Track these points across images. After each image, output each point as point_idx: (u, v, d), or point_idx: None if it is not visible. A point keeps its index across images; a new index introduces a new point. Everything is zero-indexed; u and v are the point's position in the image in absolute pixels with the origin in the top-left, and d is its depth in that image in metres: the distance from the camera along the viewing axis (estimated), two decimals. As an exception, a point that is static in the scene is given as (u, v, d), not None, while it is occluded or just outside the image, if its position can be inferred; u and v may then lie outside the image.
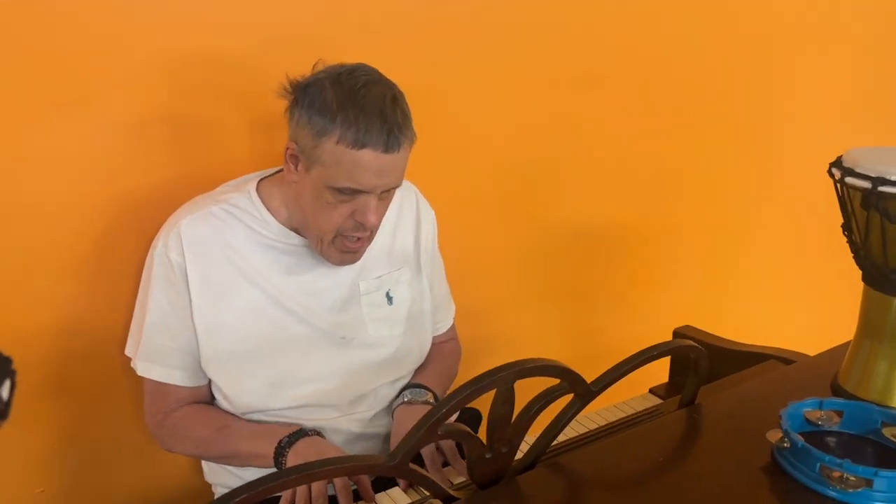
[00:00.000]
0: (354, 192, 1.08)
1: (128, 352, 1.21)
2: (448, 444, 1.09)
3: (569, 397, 0.95)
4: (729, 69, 1.99)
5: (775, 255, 2.27)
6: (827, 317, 1.19)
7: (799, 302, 2.32)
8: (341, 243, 1.13)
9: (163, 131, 1.27)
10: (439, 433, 0.82)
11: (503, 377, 0.84)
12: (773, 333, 1.69)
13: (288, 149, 1.10)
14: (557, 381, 0.91)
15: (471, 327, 1.66)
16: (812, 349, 1.30)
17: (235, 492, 0.72)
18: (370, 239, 1.17)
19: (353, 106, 1.04)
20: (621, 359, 0.96)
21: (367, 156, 1.04)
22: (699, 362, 1.05)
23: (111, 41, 1.19)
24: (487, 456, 0.88)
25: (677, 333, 1.49)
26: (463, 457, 1.05)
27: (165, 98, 1.25)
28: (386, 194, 1.12)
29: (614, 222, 1.90)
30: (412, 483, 0.96)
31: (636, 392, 1.40)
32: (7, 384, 0.40)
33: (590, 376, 0.94)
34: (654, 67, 1.83)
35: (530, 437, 0.95)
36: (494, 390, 0.86)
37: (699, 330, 1.49)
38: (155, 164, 1.28)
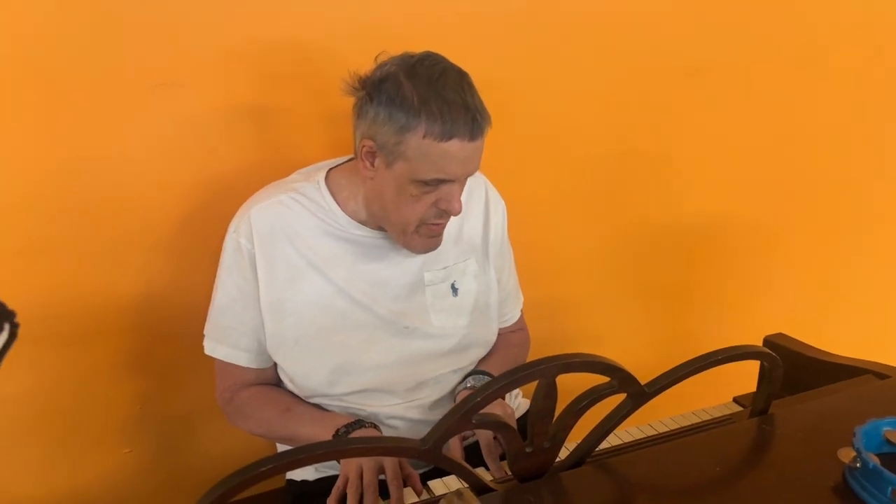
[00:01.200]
0: (440, 183, 1.08)
1: (206, 331, 1.25)
2: (487, 443, 1.08)
3: (622, 397, 0.91)
4: (843, 59, 1.86)
5: (884, 263, 2.10)
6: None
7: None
8: (425, 229, 1.14)
9: (249, 117, 1.31)
10: (473, 421, 0.80)
11: (545, 370, 0.81)
12: (876, 348, 1.57)
13: (363, 146, 1.10)
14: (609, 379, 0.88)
15: (551, 322, 1.64)
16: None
17: (264, 461, 0.73)
18: (448, 219, 1.17)
19: (435, 98, 1.03)
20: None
21: (455, 146, 1.04)
22: (773, 371, 0.98)
23: (203, 29, 1.23)
24: (528, 450, 0.86)
25: (768, 341, 1.41)
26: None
27: (252, 85, 1.30)
28: (465, 180, 1.12)
29: (709, 220, 1.82)
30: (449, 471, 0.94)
31: (720, 400, 1.34)
32: (3, 335, 0.41)
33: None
34: (761, 58, 1.74)
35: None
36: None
37: (792, 339, 1.40)
38: (240, 149, 1.32)
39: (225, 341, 1.20)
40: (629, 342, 1.82)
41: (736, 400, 1.35)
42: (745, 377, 1.35)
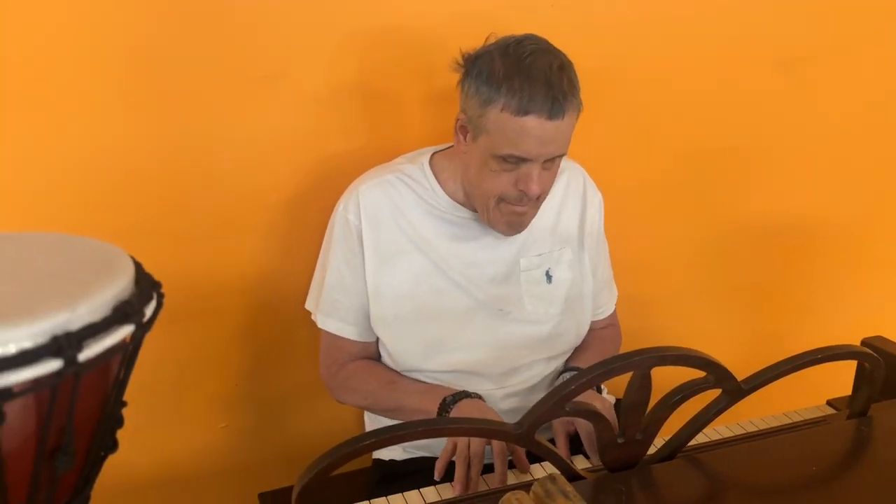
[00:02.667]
0: (518, 161, 1.09)
1: (308, 306, 1.30)
2: (588, 429, 1.08)
3: (717, 393, 0.90)
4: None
5: None
6: None
7: None
8: (507, 209, 1.15)
9: (352, 105, 1.35)
10: (566, 409, 0.81)
11: (639, 361, 0.82)
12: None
13: (458, 119, 1.14)
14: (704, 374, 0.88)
15: (636, 318, 1.62)
16: None
17: (359, 438, 0.76)
18: (536, 207, 1.18)
19: (518, 74, 1.05)
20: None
21: (531, 122, 1.06)
22: (874, 372, 0.96)
23: (309, 20, 1.27)
24: (619, 441, 0.86)
25: (866, 342, 1.36)
26: None
27: (356, 73, 1.33)
28: (549, 164, 1.12)
29: (803, 219, 1.77)
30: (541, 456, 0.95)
31: (813, 402, 1.31)
32: (153, 304, 0.45)
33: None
34: (867, 47, 1.68)
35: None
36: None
37: (892, 342, 1.35)
38: (344, 136, 1.36)
39: (335, 315, 1.25)
40: (713, 341, 1.76)
41: (830, 403, 1.32)
42: (838, 380, 1.31)
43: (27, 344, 0.38)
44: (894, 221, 1.88)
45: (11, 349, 0.38)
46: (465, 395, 1.16)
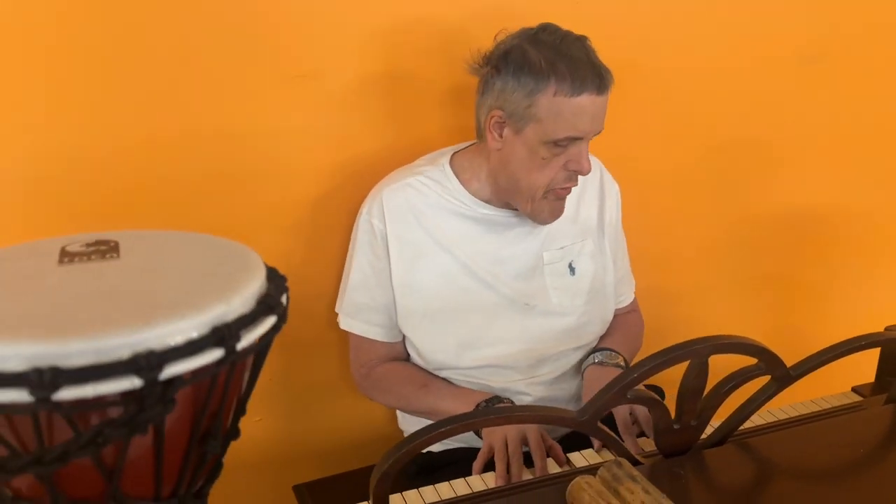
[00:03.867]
0: (569, 142, 1.13)
1: (337, 308, 1.32)
2: (644, 415, 1.12)
3: (763, 381, 0.94)
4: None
5: None
6: None
7: None
8: (552, 194, 1.18)
9: (378, 103, 1.36)
10: (628, 396, 0.84)
11: (699, 349, 0.85)
12: None
13: (491, 117, 1.16)
14: (754, 361, 0.91)
15: (658, 308, 1.64)
16: None
17: (430, 427, 0.78)
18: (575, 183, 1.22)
19: (561, 59, 1.10)
20: (821, 358, 0.94)
21: (586, 100, 1.10)
22: (912, 358, 1.00)
23: (338, 20, 1.28)
24: (675, 427, 0.89)
25: (890, 330, 1.40)
26: None
27: (381, 72, 1.34)
28: (591, 139, 1.17)
29: (829, 209, 1.80)
30: (603, 442, 0.98)
31: (837, 389, 1.33)
32: (285, 296, 0.47)
33: (784, 373, 0.92)
34: (886, 42, 1.71)
35: (717, 421, 0.95)
36: (685, 364, 0.87)
37: (915, 330, 1.39)
38: (372, 135, 1.37)
39: (358, 317, 1.27)
40: (735, 333, 1.82)
41: (855, 390, 1.35)
42: (861, 368, 1.35)
43: (194, 335, 0.41)
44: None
45: (180, 340, 0.40)
46: (498, 399, 1.18)
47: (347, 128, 1.36)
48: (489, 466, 1.07)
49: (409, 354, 1.32)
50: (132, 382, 0.38)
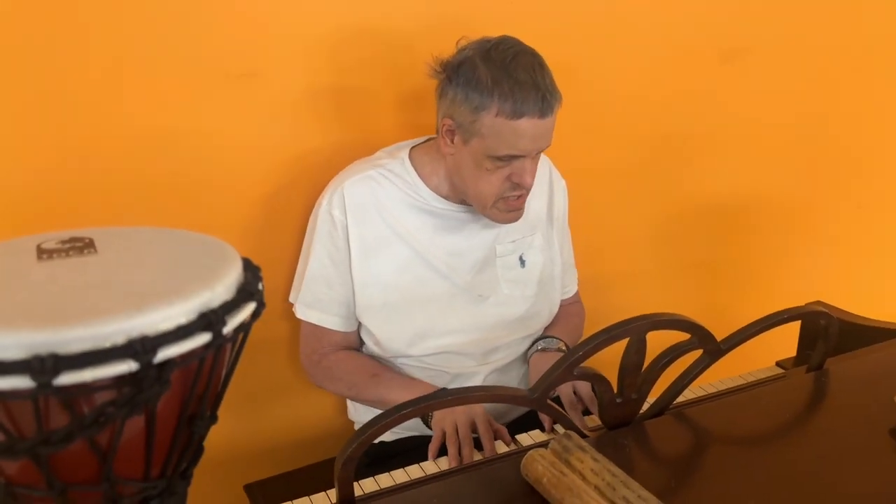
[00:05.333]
0: (512, 158, 1.16)
1: (291, 298, 1.33)
2: (587, 393, 1.17)
3: (696, 355, 1.00)
4: (877, 41, 1.93)
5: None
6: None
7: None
8: (504, 204, 1.22)
9: (327, 103, 1.38)
10: (575, 374, 0.90)
11: (637, 327, 0.91)
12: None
13: (444, 125, 1.19)
14: (687, 337, 0.97)
15: (599, 297, 1.71)
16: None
17: (392, 410, 0.82)
18: (528, 193, 1.25)
19: (506, 79, 1.11)
20: (747, 334, 1.00)
21: (525, 124, 1.12)
22: (829, 329, 1.08)
23: (283, 21, 1.30)
24: (618, 401, 0.95)
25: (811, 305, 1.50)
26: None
27: (329, 73, 1.36)
28: (537, 155, 1.20)
29: (748, 197, 1.90)
30: (552, 417, 1.03)
31: (763, 364, 1.42)
32: (261, 284, 0.50)
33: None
34: (799, 39, 1.81)
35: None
36: (624, 344, 0.93)
37: (830, 305, 1.49)
38: (319, 133, 1.39)
39: (316, 306, 1.29)
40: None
41: (779, 364, 1.44)
42: (784, 344, 1.44)
43: (183, 320, 0.43)
44: (827, 199, 2.03)
45: (171, 325, 0.43)
46: (445, 392, 1.22)
47: (293, 127, 1.37)
48: (442, 452, 1.11)
49: (362, 343, 1.34)
50: (129, 366, 0.41)
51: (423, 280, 1.27)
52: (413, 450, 1.26)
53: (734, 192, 1.88)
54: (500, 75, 1.12)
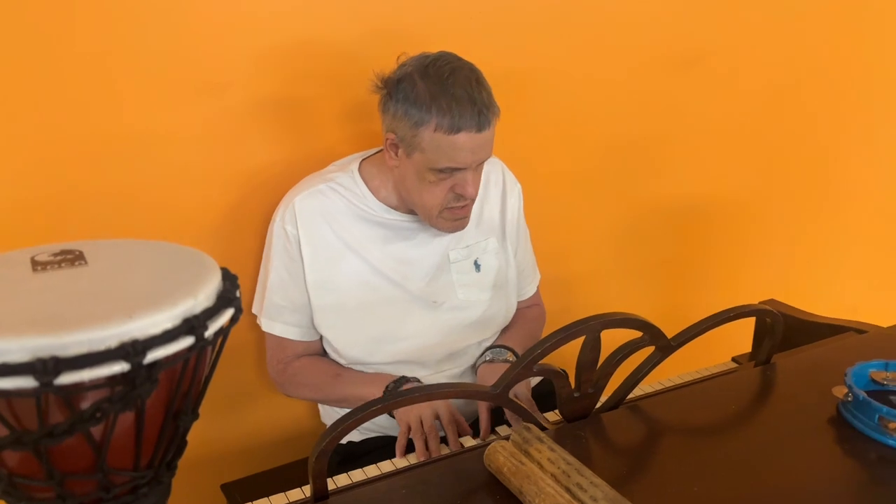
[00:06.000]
0: (453, 170, 1.21)
1: (254, 310, 1.38)
2: (525, 397, 1.24)
3: (649, 351, 1.07)
4: (829, 47, 2.02)
5: (856, 235, 2.29)
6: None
7: (883, 281, 2.34)
8: (449, 213, 1.27)
9: (280, 116, 1.42)
10: (534, 370, 0.96)
11: (592, 326, 0.97)
12: (852, 310, 1.74)
13: (387, 139, 1.24)
14: (640, 335, 1.04)
15: (562, 297, 1.77)
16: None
17: (363, 407, 0.87)
18: (473, 203, 1.30)
19: (444, 95, 1.16)
20: (706, 330, 1.07)
21: (463, 138, 1.17)
22: (774, 326, 1.15)
23: (236, 34, 1.33)
24: (575, 395, 1.01)
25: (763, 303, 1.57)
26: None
27: (280, 85, 1.40)
28: (479, 166, 1.25)
29: (707, 198, 1.98)
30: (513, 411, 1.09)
31: (719, 360, 1.49)
32: (238, 291, 0.55)
33: (675, 345, 1.05)
34: (754, 47, 1.89)
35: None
36: (583, 338, 0.99)
37: (781, 303, 1.56)
38: (274, 145, 1.42)
39: (279, 318, 1.33)
40: (636, 312, 1.98)
41: (734, 359, 1.51)
42: (740, 340, 1.52)
43: (169, 325, 0.48)
44: (778, 200, 2.12)
45: (158, 330, 0.48)
46: (405, 379, 1.27)
47: (252, 138, 1.40)
48: (410, 449, 1.17)
49: (325, 351, 1.39)
50: (121, 367, 0.46)
51: (376, 289, 1.31)
52: (382, 448, 1.31)
53: (694, 193, 1.95)
54: (438, 91, 1.16)
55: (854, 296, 2.30)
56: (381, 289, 1.32)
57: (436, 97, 1.16)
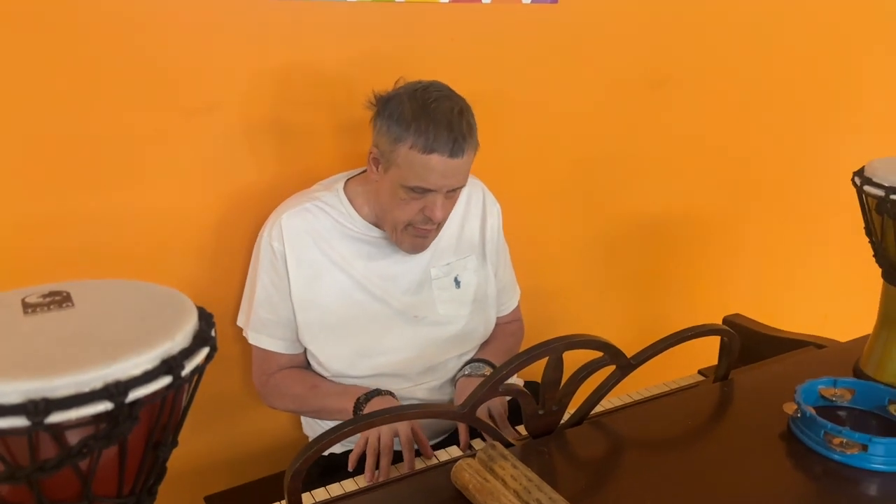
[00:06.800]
0: (424, 191, 1.26)
1: (239, 322, 1.43)
2: (498, 412, 1.29)
3: (611, 369, 1.12)
4: (793, 65, 2.09)
5: (834, 247, 2.36)
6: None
7: (845, 293, 2.41)
8: (413, 230, 1.32)
9: (269, 136, 1.47)
10: (500, 390, 1.01)
11: (554, 347, 1.02)
12: (828, 321, 1.80)
13: (371, 152, 1.30)
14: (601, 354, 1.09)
15: (539, 309, 1.83)
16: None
17: (334, 429, 0.92)
18: (437, 231, 1.36)
19: (424, 117, 1.22)
20: (676, 342, 1.13)
21: (435, 160, 1.23)
22: (731, 344, 1.21)
23: (229, 59, 1.39)
24: (540, 412, 1.07)
25: (726, 320, 1.63)
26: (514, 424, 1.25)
27: (271, 107, 1.46)
28: (451, 193, 1.30)
29: (675, 216, 2.04)
30: (481, 429, 1.14)
31: (686, 372, 1.55)
32: (214, 330, 0.60)
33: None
34: (719, 68, 1.96)
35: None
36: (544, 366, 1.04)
37: (746, 317, 1.63)
38: (262, 164, 1.48)
39: (264, 331, 1.38)
40: (609, 324, 2.04)
41: (700, 372, 1.57)
42: (707, 353, 1.57)
43: (149, 366, 0.53)
44: (746, 215, 2.19)
45: (139, 371, 0.53)
46: (377, 392, 1.32)
47: (243, 157, 1.45)
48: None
49: (309, 364, 1.43)
50: (105, 406, 0.51)
51: (359, 304, 1.36)
52: (363, 461, 1.36)
53: (664, 208, 2.02)
54: (420, 113, 1.22)
55: (822, 308, 2.37)
56: (365, 304, 1.37)
57: (417, 117, 1.22)
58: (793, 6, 2.02)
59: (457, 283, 1.44)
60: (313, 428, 1.50)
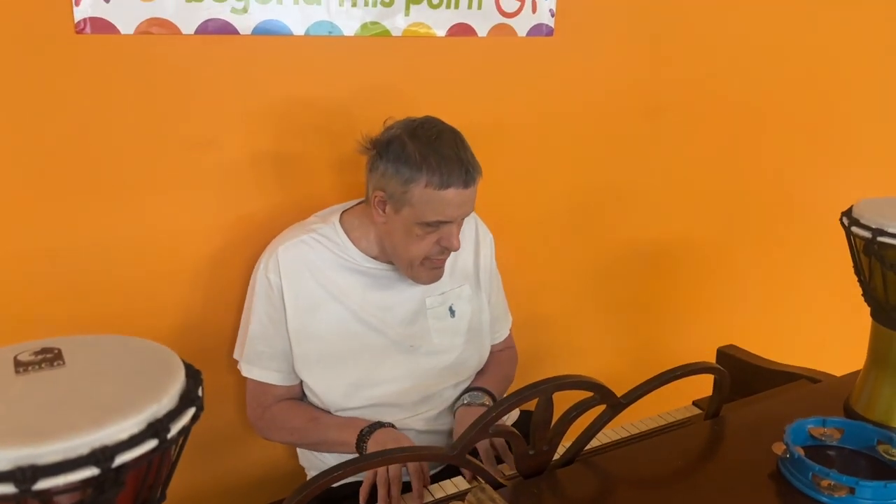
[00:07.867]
0: (440, 224, 1.29)
1: (235, 355, 1.44)
2: (500, 443, 1.29)
3: (601, 408, 1.13)
4: (786, 103, 2.11)
5: (826, 280, 2.35)
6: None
7: (842, 323, 2.41)
8: (429, 263, 1.34)
9: (270, 169, 1.49)
10: (490, 432, 1.02)
11: (544, 389, 1.03)
12: (823, 353, 1.80)
13: (375, 196, 1.31)
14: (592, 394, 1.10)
15: (534, 337, 1.84)
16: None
17: (328, 471, 0.93)
18: (448, 256, 1.38)
19: (433, 154, 1.25)
20: (669, 371, 1.14)
21: (451, 193, 1.26)
22: (721, 382, 1.21)
23: (229, 92, 1.41)
24: (531, 452, 1.08)
25: (720, 352, 1.64)
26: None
27: (272, 139, 1.48)
28: (461, 220, 1.33)
29: (670, 245, 2.05)
30: (471, 471, 1.15)
31: (681, 403, 1.55)
32: (201, 388, 0.62)
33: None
34: (714, 99, 1.98)
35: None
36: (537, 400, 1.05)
37: (741, 349, 1.63)
38: (262, 195, 1.50)
39: (258, 364, 1.39)
40: (602, 352, 2.04)
41: (695, 403, 1.57)
42: (701, 384, 1.58)
43: (135, 430, 0.55)
44: (741, 244, 2.20)
45: (125, 436, 0.54)
46: (380, 425, 1.33)
47: (241, 189, 1.47)
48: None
49: (304, 395, 1.44)
50: (92, 472, 0.52)
51: (356, 335, 1.38)
52: (356, 495, 1.36)
53: (659, 237, 2.03)
54: (428, 151, 1.25)
55: (818, 338, 2.37)
56: (362, 335, 1.38)
57: (426, 156, 1.24)
58: (788, 38, 2.04)
59: (451, 312, 1.45)
60: (309, 459, 1.51)
